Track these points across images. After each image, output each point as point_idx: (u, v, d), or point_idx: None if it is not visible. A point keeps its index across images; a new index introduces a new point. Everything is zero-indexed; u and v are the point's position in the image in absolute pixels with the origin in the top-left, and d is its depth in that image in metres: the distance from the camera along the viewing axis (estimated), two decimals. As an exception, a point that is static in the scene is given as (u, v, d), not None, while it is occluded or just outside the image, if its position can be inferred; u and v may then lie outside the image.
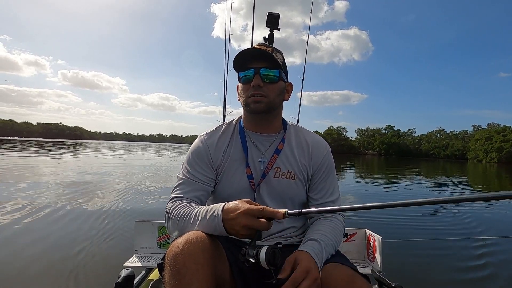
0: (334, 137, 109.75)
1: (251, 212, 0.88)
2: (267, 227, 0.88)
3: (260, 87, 1.12)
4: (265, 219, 0.89)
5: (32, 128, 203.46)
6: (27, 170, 10.61)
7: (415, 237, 4.20)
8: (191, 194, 1.13)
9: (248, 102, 1.15)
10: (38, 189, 6.64)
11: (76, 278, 2.55)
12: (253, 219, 0.87)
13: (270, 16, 2.01)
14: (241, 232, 0.88)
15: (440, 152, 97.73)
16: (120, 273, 1.18)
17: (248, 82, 1.14)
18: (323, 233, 1.08)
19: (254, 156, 1.20)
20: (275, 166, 1.19)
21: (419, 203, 0.72)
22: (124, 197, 6.11)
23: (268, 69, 1.13)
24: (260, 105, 1.13)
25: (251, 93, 1.13)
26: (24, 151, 23.04)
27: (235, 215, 0.89)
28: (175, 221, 1.03)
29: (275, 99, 1.16)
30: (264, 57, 1.13)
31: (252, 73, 1.13)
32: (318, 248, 1.00)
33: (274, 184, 1.18)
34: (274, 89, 1.15)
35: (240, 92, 1.20)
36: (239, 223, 0.88)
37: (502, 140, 71.35)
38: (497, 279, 2.92)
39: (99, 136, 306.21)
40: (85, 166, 13.11)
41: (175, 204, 1.08)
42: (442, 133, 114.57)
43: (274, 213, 0.87)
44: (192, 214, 1.00)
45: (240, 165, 1.19)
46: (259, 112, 1.15)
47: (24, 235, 3.59)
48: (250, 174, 1.18)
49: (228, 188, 1.18)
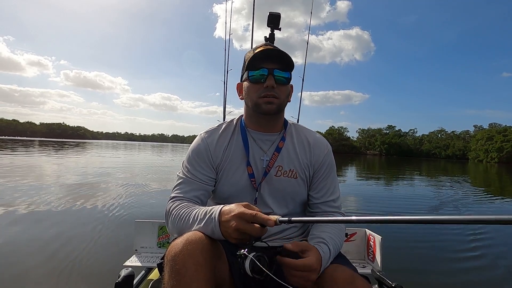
0: (335, 137, 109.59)
1: (243, 216, 0.86)
2: (260, 233, 0.86)
3: (273, 88, 1.11)
4: (259, 224, 0.87)
5: (35, 128, 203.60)
6: (30, 169, 10.62)
7: (415, 237, 4.20)
8: (191, 193, 1.12)
9: (259, 102, 1.13)
10: (40, 188, 6.65)
11: (76, 277, 2.55)
12: (246, 223, 0.85)
13: (271, 16, 2.01)
14: (233, 235, 0.87)
15: (441, 152, 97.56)
16: (120, 273, 1.18)
17: (257, 81, 1.12)
18: (331, 236, 1.08)
19: (255, 154, 1.18)
20: (277, 165, 1.18)
21: (421, 221, 0.63)
22: (124, 196, 6.12)
23: (281, 71, 1.12)
24: (272, 106, 1.12)
25: (264, 94, 1.11)
26: (30, 151, 23.04)
27: (229, 217, 0.88)
28: (175, 221, 1.03)
29: (285, 101, 1.17)
30: (278, 58, 1.13)
31: (265, 73, 1.11)
32: (327, 252, 1.01)
33: (275, 183, 1.17)
34: (284, 90, 1.15)
35: (247, 91, 1.17)
36: (231, 226, 0.86)
37: (503, 140, 71.29)
38: (497, 279, 2.91)
39: (101, 136, 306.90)
40: (87, 166, 13.12)
41: (175, 204, 1.08)
42: (443, 133, 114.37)
43: (266, 220, 0.85)
44: (191, 215, 1.00)
45: (241, 163, 1.18)
46: (271, 113, 1.14)
47: (24, 234, 3.60)
48: (252, 172, 1.16)
49: (229, 187, 1.17)
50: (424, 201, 7.87)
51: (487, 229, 4.47)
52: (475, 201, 8.32)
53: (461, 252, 3.69)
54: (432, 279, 2.84)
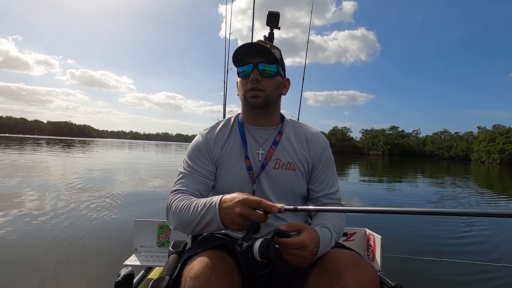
0: (338, 137, 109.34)
1: (248, 202, 0.87)
2: (263, 219, 0.87)
3: (258, 81, 1.15)
4: (262, 211, 0.88)
5: (43, 126, 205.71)
6: (34, 168, 10.69)
7: (415, 237, 4.19)
8: (192, 187, 1.14)
9: (246, 96, 1.17)
10: (41, 187, 6.69)
11: (76, 276, 2.56)
12: (250, 209, 0.87)
13: (270, 15, 2.01)
14: (237, 221, 0.88)
15: (444, 153, 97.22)
16: (120, 272, 1.19)
17: (246, 76, 1.17)
18: (332, 222, 1.10)
19: (253, 148, 1.21)
20: (275, 158, 1.20)
21: (423, 213, 0.67)
22: (124, 196, 6.14)
23: (266, 64, 1.15)
24: (258, 100, 1.16)
25: (250, 87, 1.16)
26: (43, 150, 23.14)
27: (232, 203, 0.89)
28: (175, 213, 1.05)
29: (273, 93, 1.19)
30: (262, 53, 1.16)
31: (250, 67, 1.15)
32: (328, 235, 1.03)
33: (274, 175, 1.19)
34: (271, 83, 1.18)
35: (239, 86, 1.22)
36: (235, 212, 0.87)
37: (505, 142, 71.00)
38: (497, 279, 2.90)
39: (106, 135, 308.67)
40: (91, 164, 13.15)
41: (176, 197, 1.09)
42: (447, 134, 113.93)
43: (270, 206, 0.86)
44: (191, 206, 1.01)
45: (240, 157, 1.20)
46: (257, 106, 1.18)
47: (24, 234, 3.61)
48: (250, 165, 1.19)
49: (228, 180, 1.19)
50: (429, 199, 7.86)
51: (487, 230, 4.45)
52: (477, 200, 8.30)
53: (461, 252, 3.68)
54: (432, 279, 2.83)
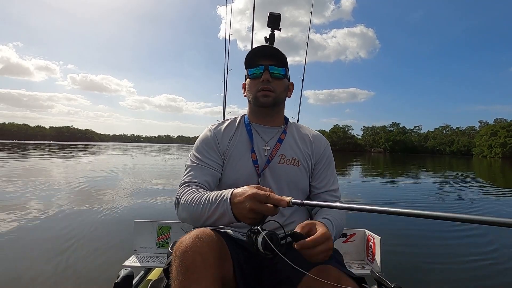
0: (339, 135, 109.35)
1: (257, 196, 0.88)
2: (273, 212, 0.88)
3: (268, 82, 1.22)
4: (272, 205, 0.89)
5: (45, 132, 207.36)
6: (36, 171, 10.74)
7: (415, 238, 4.17)
8: (201, 178, 1.16)
9: (257, 96, 1.24)
10: (42, 189, 6.71)
11: (75, 277, 2.56)
12: (260, 203, 0.88)
13: (271, 16, 2.01)
14: (248, 215, 0.89)
15: (445, 148, 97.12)
16: (119, 273, 1.19)
17: (257, 78, 1.24)
18: (334, 217, 1.12)
19: (259, 144, 1.26)
20: (280, 153, 1.25)
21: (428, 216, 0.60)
22: (124, 197, 6.16)
23: (276, 67, 1.23)
24: (268, 99, 1.23)
25: (260, 87, 1.22)
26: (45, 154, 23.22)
27: (242, 198, 0.90)
28: (185, 205, 1.06)
29: (281, 95, 1.27)
30: (273, 56, 1.24)
31: (261, 69, 1.22)
32: (330, 225, 1.06)
33: (278, 170, 1.23)
34: (280, 85, 1.25)
35: (248, 87, 1.28)
36: (246, 207, 0.89)
37: (506, 136, 70.88)
38: (496, 280, 2.89)
39: (108, 138, 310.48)
40: (94, 168, 13.22)
41: (186, 189, 1.11)
42: (448, 129, 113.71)
43: (279, 200, 0.87)
44: (202, 199, 1.02)
45: (246, 151, 1.24)
46: (267, 105, 1.24)
47: (24, 233, 3.62)
48: (255, 159, 1.23)
49: (234, 173, 1.22)
50: (430, 198, 7.85)
51: (488, 230, 4.43)
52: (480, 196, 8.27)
53: (461, 252, 3.66)
54: (432, 280, 2.81)
